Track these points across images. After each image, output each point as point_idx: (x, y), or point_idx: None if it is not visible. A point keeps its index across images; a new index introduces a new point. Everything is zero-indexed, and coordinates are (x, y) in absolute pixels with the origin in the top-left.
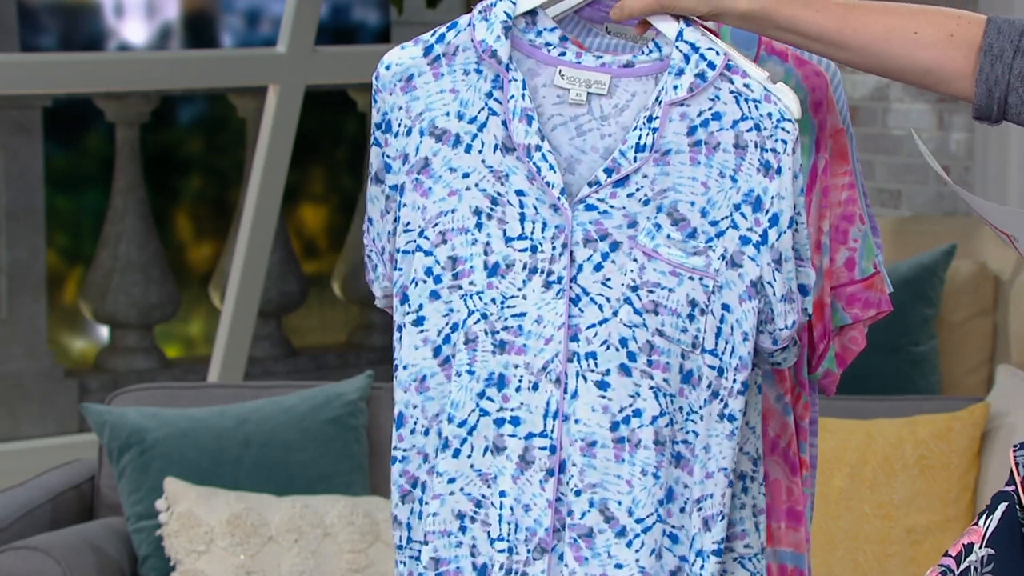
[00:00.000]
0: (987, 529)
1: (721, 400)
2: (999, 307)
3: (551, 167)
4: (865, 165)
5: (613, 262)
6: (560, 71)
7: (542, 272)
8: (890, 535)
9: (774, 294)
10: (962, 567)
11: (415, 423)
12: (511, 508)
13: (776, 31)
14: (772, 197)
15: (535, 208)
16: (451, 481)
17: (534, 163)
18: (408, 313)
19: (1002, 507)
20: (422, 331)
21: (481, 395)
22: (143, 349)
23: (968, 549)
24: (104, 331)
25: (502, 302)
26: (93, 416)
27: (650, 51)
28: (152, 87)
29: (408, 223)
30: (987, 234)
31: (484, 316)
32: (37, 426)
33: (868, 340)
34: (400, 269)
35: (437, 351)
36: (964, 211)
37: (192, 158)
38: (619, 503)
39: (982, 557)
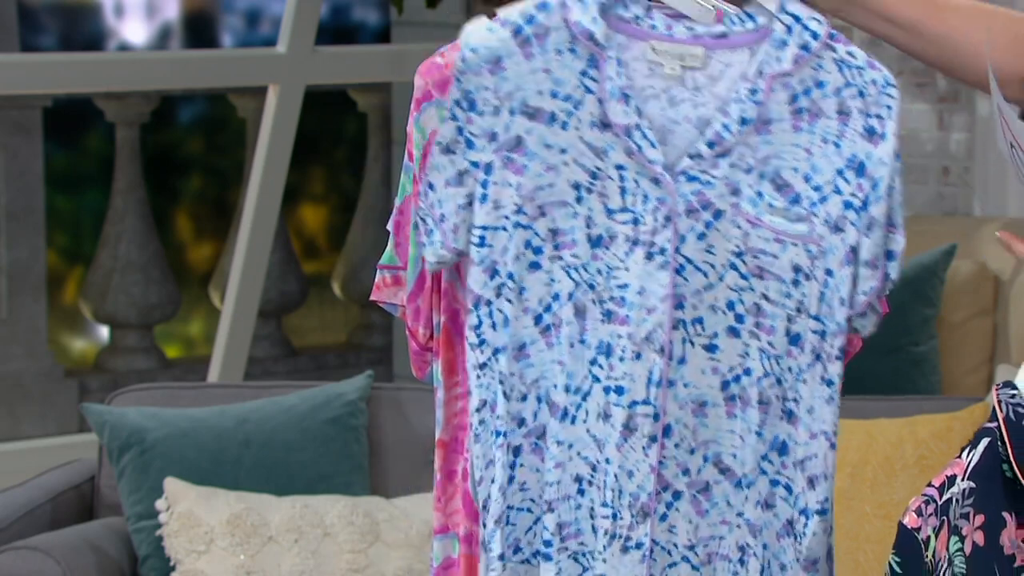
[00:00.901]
0: (969, 462)
1: (822, 364)
2: (999, 307)
3: (651, 143)
4: None
5: (717, 230)
6: (652, 46)
7: (644, 244)
8: (890, 535)
9: (859, 259)
10: (944, 497)
11: (511, 390)
12: (615, 475)
13: (863, 13)
14: (875, 162)
15: (635, 181)
16: (570, 447)
17: (634, 141)
18: (504, 286)
19: (985, 442)
20: (522, 302)
21: (593, 362)
22: (143, 349)
23: (951, 481)
24: (104, 331)
25: (607, 273)
26: (93, 416)
27: (742, 21)
28: (152, 87)
29: (497, 200)
30: (987, 234)
31: (591, 287)
32: (37, 426)
33: (868, 340)
34: (489, 245)
35: (538, 319)
36: (964, 211)
37: (192, 158)
38: (734, 456)
39: (964, 489)
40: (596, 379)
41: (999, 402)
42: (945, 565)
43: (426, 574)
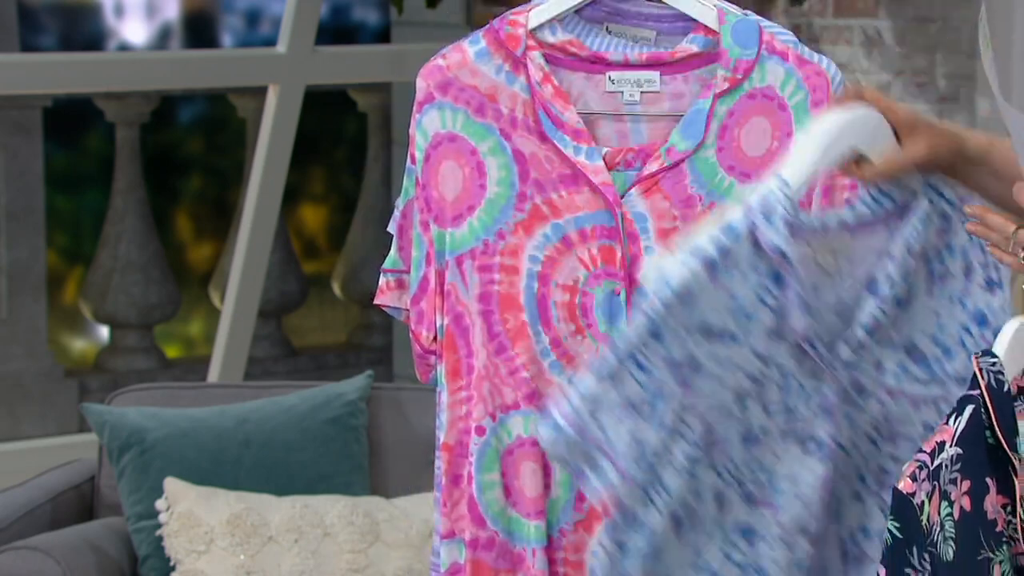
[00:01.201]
0: (956, 429)
1: None
2: None
3: (822, 340)
4: None
5: (861, 408)
6: (808, 242)
7: (798, 434)
8: None
9: None
10: (935, 463)
11: None
12: None
13: (990, 178)
14: (996, 312)
15: (799, 383)
16: None
17: (809, 344)
18: (652, 497)
19: (969, 409)
20: (667, 505)
21: (730, 543)
22: (143, 349)
23: (940, 447)
24: (104, 331)
25: (757, 466)
26: (93, 416)
27: (878, 202)
28: (152, 87)
29: (663, 419)
30: None
31: (739, 482)
32: (37, 426)
33: None
34: (652, 465)
35: (676, 518)
36: None
37: (192, 158)
38: None
39: (952, 456)
40: (730, 558)
41: (980, 370)
42: (938, 530)
43: (426, 574)
